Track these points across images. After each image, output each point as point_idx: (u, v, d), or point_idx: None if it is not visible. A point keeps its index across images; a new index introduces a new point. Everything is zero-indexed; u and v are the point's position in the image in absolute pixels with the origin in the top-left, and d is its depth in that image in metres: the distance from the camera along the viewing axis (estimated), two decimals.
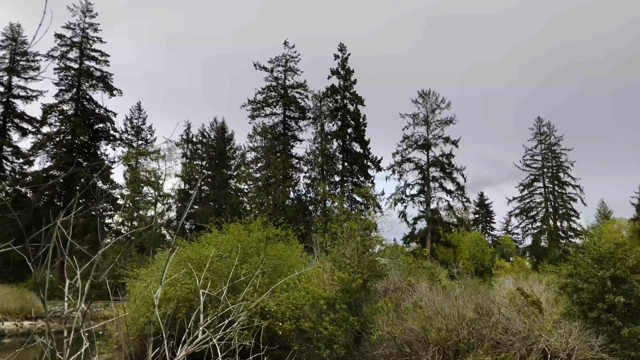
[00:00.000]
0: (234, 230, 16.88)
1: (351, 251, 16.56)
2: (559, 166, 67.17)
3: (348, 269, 15.57)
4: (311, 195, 52.81)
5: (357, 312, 14.87)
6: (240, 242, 15.83)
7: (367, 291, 15.75)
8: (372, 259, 16.14)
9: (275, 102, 54.65)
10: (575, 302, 13.51)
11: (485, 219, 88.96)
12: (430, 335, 12.98)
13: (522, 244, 73.04)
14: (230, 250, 15.48)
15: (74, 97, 49.54)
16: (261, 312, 14.06)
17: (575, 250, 15.04)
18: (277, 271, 16.36)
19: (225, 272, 14.62)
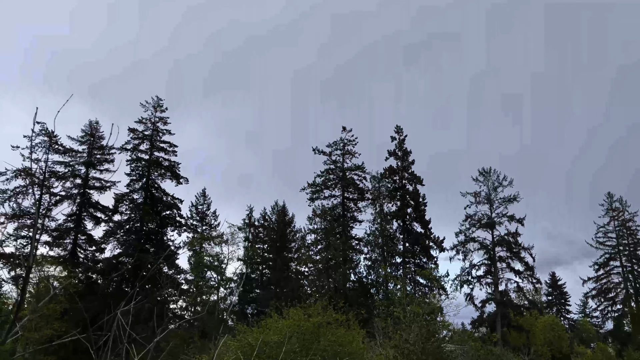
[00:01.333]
0: (294, 314, 16.74)
1: (415, 337, 15.97)
2: (636, 244, 63.20)
3: (411, 356, 14.95)
4: (372, 278, 51.89)
5: None
6: (299, 327, 15.65)
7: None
8: (437, 345, 15.47)
9: (334, 185, 55.47)
10: None
11: (559, 301, 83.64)
12: None
13: (602, 329, 67.70)
14: (290, 336, 15.28)
15: (143, 186, 52.28)
16: None
17: None
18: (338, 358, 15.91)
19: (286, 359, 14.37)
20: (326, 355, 15.38)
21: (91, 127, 53.62)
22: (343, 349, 15.96)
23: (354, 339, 17.23)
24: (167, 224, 53.72)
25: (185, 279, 55.92)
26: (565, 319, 79.30)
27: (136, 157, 52.76)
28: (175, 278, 53.65)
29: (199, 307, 57.30)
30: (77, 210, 50.99)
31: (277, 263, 59.03)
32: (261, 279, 61.84)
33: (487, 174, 57.62)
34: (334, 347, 15.51)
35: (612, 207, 65.40)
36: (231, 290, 59.58)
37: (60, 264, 45.27)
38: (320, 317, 16.63)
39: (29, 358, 40.04)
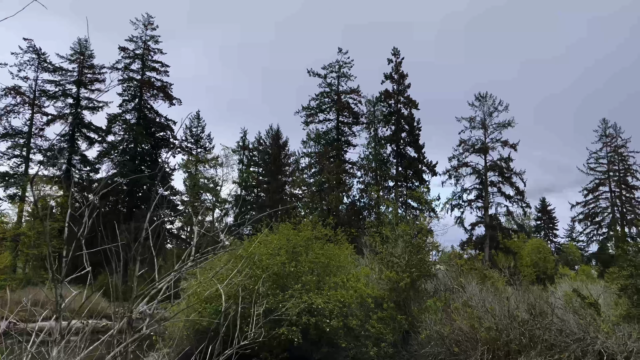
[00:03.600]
0: (284, 229, 17.16)
1: (400, 250, 16.47)
2: (627, 169, 63.89)
3: (396, 268, 15.49)
4: (365, 201, 52.69)
5: (406, 311, 14.76)
6: (288, 241, 16.09)
7: (416, 291, 15.60)
8: (421, 257, 15.99)
9: (329, 108, 55.07)
10: (636, 303, 12.87)
11: (547, 225, 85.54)
12: (479, 334, 12.71)
13: (587, 252, 69.83)
14: (279, 248, 15.75)
15: (136, 106, 51.80)
16: (309, 309, 14.22)
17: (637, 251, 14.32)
18: (326, 270, 16.48)
19: (274, 269, 14.89)
20: (314, 267, 15.93)
21: (80, 45, 52.31)
22: (331, 261, 16.52)
23: (342, 252, 17.80)
24: (161, 145, 53.76)
25: (181, 200, 56.70)
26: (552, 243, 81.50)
27: (128, 77, 51.93)
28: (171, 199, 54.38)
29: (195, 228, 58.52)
30: (70, 130, 50.77)
31: (272, 185, 59.67)
32: (256, 201, 62.71)
33: (483, 98, 57.13)
34: (322, 259, 16.04)
35: (606, 133, 65.52)
36: (226, 211, 60.69)
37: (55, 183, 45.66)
38: (309, 232, 17.07)
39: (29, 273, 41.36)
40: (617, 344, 11.62)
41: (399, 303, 14.96)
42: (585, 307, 13.83)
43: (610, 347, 11.56)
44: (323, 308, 14.11)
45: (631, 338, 11.79)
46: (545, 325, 12.85)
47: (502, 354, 12.50)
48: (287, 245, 15.91)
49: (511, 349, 12.48)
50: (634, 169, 63.38)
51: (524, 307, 13.75)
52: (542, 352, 12.43)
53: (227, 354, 4.10)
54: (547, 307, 13.79)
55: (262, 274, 14.14)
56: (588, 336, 12.06)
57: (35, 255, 40.16)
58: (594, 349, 11.69)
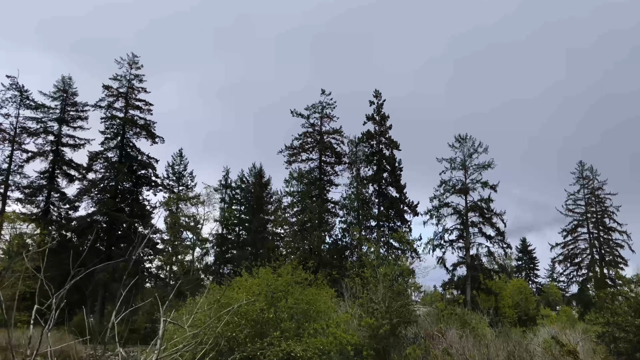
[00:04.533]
0: (263, 274, 17.04)
1: (381, 296, 16.42)
2: (604, 211, 64.98)
3: (376, 314, 15.41)
4: (347, 240, 52.61)
5: (385, 358, 14.62)
6: (268, 286, 15.96)
7: (396, 337, 15.50)
8: (402, 304, 15.95)
9: (312, 148, 55.47)
10: (613, 351, 12.94)
11: (528, 265, 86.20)
12: None
13: (568, 292, 70.21)
14: (258, 293, 15.59)
15: (118, 144, 51.62)
16: (288, 357, 14.01)
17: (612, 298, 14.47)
18: (306, 316, 16.31)
19: (252, 315, 14.71)
20: (294, 313, 15.77)
21: (64, 82, 52.43)
22: (311, 307, 16.36)
23: (322, 298, 17.65)
24: (142, 183, 53.40)
25: (161, 239, 56.00)
26: (533, 283, 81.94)
27: (111, 115, 51.91)
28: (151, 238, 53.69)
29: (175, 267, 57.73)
30: (50, 167, 50.31)
31: (254, 224, 59.40)
32: (238, 240, 62.24)
33: (463, 140, 58.09)
34: (302, 305, 15.89)
35: (583, 175, 66.86)
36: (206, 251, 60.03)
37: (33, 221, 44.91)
38: (289, 277, 16.96)
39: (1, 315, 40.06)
40: None
41: (378, 350, 14.83)
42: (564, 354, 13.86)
43: None
44: (302, 356, 13.92)
45: None
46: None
47: None
48: (267, 291, 15.78)
49: None
50: (610, 211, 64.53)
51: (503, 355, 13.73)
52: None
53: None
54: (526, 355, 13.79)
55: (240, 321, 13.96)
56: None
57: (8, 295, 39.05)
58: None
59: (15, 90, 49.47)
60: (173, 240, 55.34)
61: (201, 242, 59.88)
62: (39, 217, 47.18)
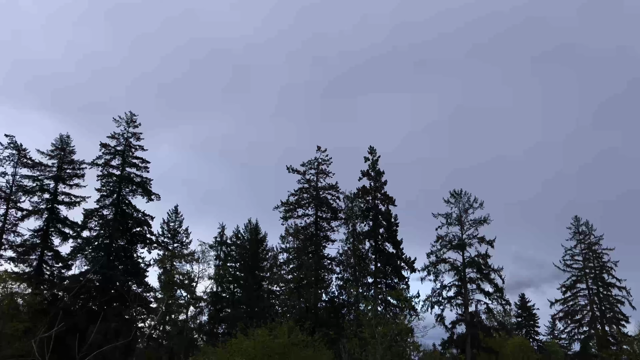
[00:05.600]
0: (260, 336, 16.69)
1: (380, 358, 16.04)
2: (602, 266, 64.59)
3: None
4: (344, 298, 51.80)
5: None
6: (264, 348, 15.61)
7: None
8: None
9: (308, 204, 55.54)
10: None
11: (528, 322, 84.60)
12: None
13: (570, 350, 68.69)
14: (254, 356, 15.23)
15: (114, 202, 51.50)
16: None
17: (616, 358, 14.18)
18: None
19: None
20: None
21: (62, 141, 52.86)
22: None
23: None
24: (137, 240, 52.97)
25: (154, 297, 55.02)
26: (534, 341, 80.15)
27: (107, 173, 52.10)
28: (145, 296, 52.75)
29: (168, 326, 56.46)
30: (44, 225, 49.95)
31: (249, 282, 58.57)
32: (232, 298, 61.16)
33: (458, 195, 58.44)
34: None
35: (579, 230, 66.89)
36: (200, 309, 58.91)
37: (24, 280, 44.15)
38: (285, 339, 16.62)
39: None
40: None
41: None
42: None
43: None
44: None
45: None
46: None
47: None
48: (263, 354, 15.43)
49: None
50: (609, 266, 64.16)
51: None
52: None
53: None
54: None
55: None
56: None
57: None
58: None
59: (13, 149, 49.80)
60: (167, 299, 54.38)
61: (195, 301, 58.82)
62: (31, 276, 46.39)
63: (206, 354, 16.56)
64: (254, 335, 16.95)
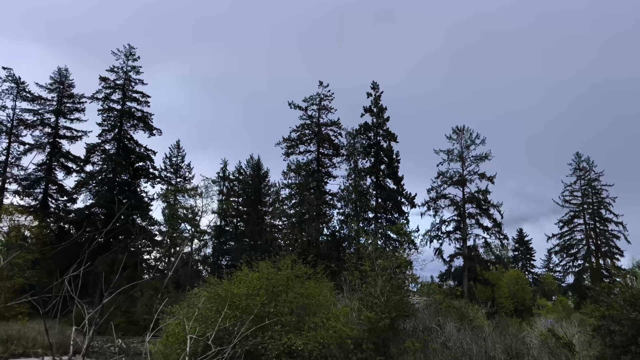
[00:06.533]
0: (264, 268, 17.17)
1: (380, 290, 16.59)
2: (600, 202, 65.31)
3: (375, 308, 15.59)
4: (344, 232, 52.79)
5: (384, 352, 14.82)
6: (268, 280, 16.11)
7: (395, 331, 15.69)
8: (400, 298, 16.13)
9: (310, 140, 55.50)
10: (608, 345, 13.14)
11: (525, 256, 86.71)
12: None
13: (564, 283, 70.72)
14: (259, 288, 15.74)
15: (115, 136, 51.59)
16: (289, 350, 14.19)
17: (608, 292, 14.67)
18: (306, 310, 16.48)
19: (253, 310, 14.85)
20: (294, 307, 15.94)
21: (60, 74, 52.24)
22: (310, 300, 16.55)
23: (322, 291, 17.83)
24: (140, 175, 53.42)
25: (159, 231, 56.12)
26: (529, 274, 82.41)
27: (108, 107, 51.81)
28: (149, 229, 53.82)
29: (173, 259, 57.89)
30: (47, 159, 50.25)
31: (251, 216, 59.52)
32: (235, 232, 62.41)
33: (461, 132, 58.17)
34: (302, 299, 16.07)
35: (580, 166, 67.10)
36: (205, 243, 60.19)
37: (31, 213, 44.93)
38: (289, 271, 17.11)
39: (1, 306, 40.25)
40: None
41: (377, 344, 15.02)
42: (560, 347, 14.08)
43: None
44: (302, 349, 14.11)
45: None
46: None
47: None
48: (267, 285, 15.94)
49: None
50: (607, 202, 64.84)
51: (500, 348, 13.95)
52: None
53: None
54: (523, 348, 14.01)
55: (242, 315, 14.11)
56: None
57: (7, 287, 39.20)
58: None
59: (12, 82, 49.29)
60: (171, 232, 55.48)
61: (199, 234, 60.02)
62: (37, 209, 47.19)
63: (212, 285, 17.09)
64: (258, 268, 17.42)
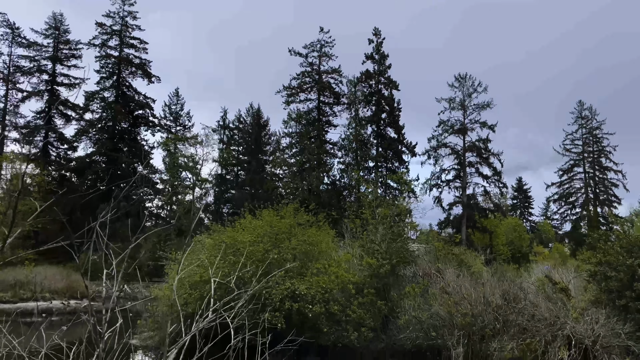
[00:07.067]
0: (267, 216, 17.41)
1: (381, 237, 16.88)
2: (600, 151, 65.36)
3: (376, 254, 15.90)
4: (345, 181, 53.05)
5: (385, 297, 15.23)
6: (272, 227, 16.36)
7: (396, 277, 16.07)
8: (400, 244, 16.43)
9: (310, 88, 54.87)
10: (604, 290, 13.50)
11: (523, 204, 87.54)
12: (456, 320, 13.25)
13: (561, 230, 71.70)
14: (262, 235, 16.02)
15: (114, 84, 51.02)
16: (292, 295, 14.59)
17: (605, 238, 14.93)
18: (308, 256, 16.82)
19: (257, 256, 15.16)
20: (297, 253, 16.27)
21: (55, 19, 51.05)
22: (313, 247, 16.87)
23: (324, 238, 18.14)
24: (140, 123, 53.19)
25: (160, 179, 56.41)
26: (527, 222, 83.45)
27: (105, 54, 50.98)
28: (150, 178, 54.09)
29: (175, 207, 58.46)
30: (45, 107, 49.89)
31: (252, 165, 59.67)
32: (236, 180, 62.71)
33: (463, 79, 57.52)
34: (304, 246, 16.37)
35: (582, 115, 66.74)
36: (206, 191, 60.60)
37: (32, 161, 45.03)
38: (291, 219, 17.35)
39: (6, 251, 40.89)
40: (584, 329, 12.27)
41: (379, 289, 15.41)
42: (557, 292, 14.47)
43: (579, 331, 12.20)
44: (305, 294, 14.50)
45: (598, 323, 12.44)
46: (519, 310, 13.45)
47: (477, 339, 13.09)
48: (270, 232, 16.20)
49: (486, 333, 13.06)
50: (607, 151, 64.90)
51: (498, 293, 14.33)
52: (515, 336, 13.05)
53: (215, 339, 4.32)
54: (520, 293, 14.40)
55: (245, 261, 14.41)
56: (558, 321, 12.69)
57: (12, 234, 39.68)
58: (564, 333, 12.32)
59: (7, 27, 48.28)
60: (172, 180, 55.78)
61: (201, 182, 60.35)
62: (38, 158, 47.26)
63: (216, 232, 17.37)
64: (261, 216, 17.65)
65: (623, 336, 12.10)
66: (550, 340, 12.31)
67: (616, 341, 12.00)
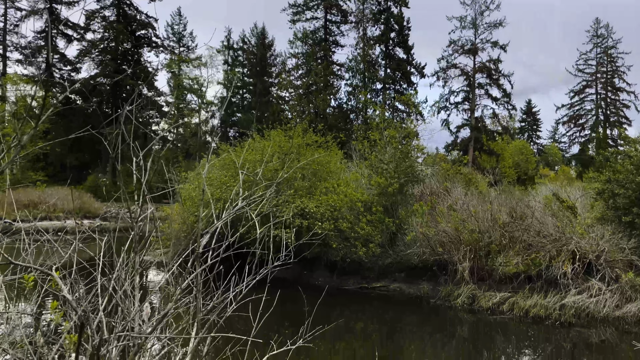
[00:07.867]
0: (275, 136, 17.35)
1: (389, 157, 16.88)
2: (614, 71, 63.78)
3: (385, 174, 15.98)
4: (352, 104, 52.46)
5: (393, 215, 15.46)
6: (280, 147, 16.36)
7: (404, 195, 16.22)
8: (408, 164, 16.44)
9: (317, 6, 53.03)
10: (611, 207, 13.60)
11: (531, 127, 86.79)
12: (462, 236, 13.50)
13: (568, 153, 71.53)
14: (271, 155, 16.04)
15: (115, 2, 49.44)
16: (302, 213, 14.83)
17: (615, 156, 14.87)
18: (317, 176, 16.92)
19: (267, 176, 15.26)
20: (305, 173, 16.36)
21: None
22: (322, 167, 16.93)
23: (332, 159, 18.17)
24: (142, 44, 52.05)
25: (165, 101, 56.00)
26: (535, 144, 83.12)
27: None
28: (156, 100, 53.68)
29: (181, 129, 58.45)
30: (46, 26, 48.70)
31: (258, 87, 58.89)
32: (242, 103, 62.15)
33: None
34: (313, 165, 16.42)
35: (598, 33, 64.57)
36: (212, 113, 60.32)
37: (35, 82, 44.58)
38: (300, 139, 17.30)
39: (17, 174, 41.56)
40: (589, 244, 12.48)
41: (387, 207, 15.61)
42: (564, 209, 14.61)
43: (583, 246, 12.42)
44: (315, 212, 14.72)
45: (603, 239, 12.64)
46: (525, 227, 13.65)
47: (483, 254, 13.38)
48: (279, 152, 16.22)
49: (491, 249, 13.34)
50: (621, 71, 63.36)
51: (505, 211, 14.50)
52: (520, 251, 13.32)
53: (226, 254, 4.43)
54: (527, 210, 14.55)
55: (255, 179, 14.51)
56: (563, 237, 12.89)
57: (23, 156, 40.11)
58: (568, 248, 12.56)
59: None
60: (178, 103, 55.39)
61: (206, 105, 59.93)
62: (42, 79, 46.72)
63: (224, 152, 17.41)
64: (270, 136, 17.61)
65: (627, 251, 12.33)
66: (554, 255, 12.57)
67: (620, 256, 12.24)
